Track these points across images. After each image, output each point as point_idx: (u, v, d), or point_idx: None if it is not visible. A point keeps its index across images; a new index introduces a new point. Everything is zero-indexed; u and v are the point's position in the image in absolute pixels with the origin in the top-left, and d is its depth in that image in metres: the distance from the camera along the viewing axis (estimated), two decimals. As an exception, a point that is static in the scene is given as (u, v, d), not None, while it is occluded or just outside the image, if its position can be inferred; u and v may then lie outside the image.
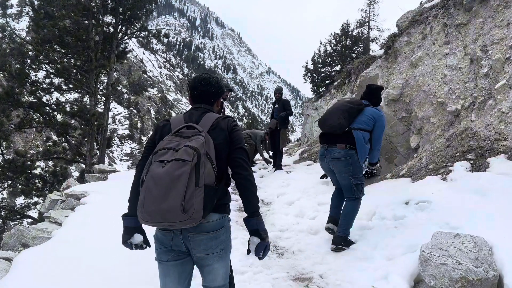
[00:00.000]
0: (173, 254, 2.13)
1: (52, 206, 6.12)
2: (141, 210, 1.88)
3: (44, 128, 15.39)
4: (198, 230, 2.05)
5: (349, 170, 4.17)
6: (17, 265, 3.47)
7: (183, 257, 2.15)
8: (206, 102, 2.33)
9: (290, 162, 10.96)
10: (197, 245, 2.08)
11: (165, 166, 1.86)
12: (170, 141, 2.00)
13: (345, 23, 21.58)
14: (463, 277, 2.65)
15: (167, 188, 1.82)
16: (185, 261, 2.17)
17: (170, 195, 1.81)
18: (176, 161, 1.86)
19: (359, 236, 4.28)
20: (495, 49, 5.37)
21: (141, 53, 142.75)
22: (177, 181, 1.82)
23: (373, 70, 9.03)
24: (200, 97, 2.31)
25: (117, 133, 73.28)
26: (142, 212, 1.88)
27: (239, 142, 2.17)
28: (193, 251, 2.10)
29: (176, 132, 2.07)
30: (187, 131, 2.06)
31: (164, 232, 2.10)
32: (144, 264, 3.60)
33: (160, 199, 1.82)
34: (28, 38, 16.22)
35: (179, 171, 1.83)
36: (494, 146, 4.73)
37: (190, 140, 1.97)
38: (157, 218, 1.85)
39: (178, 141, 1.97)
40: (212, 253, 2.11)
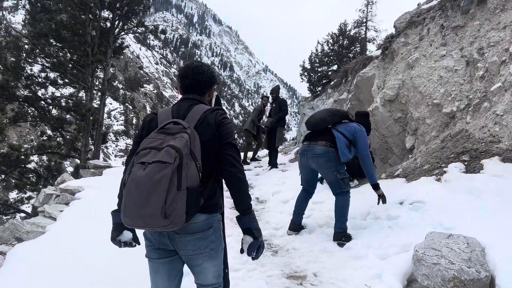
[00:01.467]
0: (162, 252, 2.09)
1: (47, 201, 6.10)
2: (123, 214, 1.80)
3: (39, 122, 15.30)
4: (184, 231, 1.98)
5: (331, 166, 4.33)
6: (11, 259, 3.45)
7: (171, 255, 2.11)
8: (197, 92, 2.21)
9: (286, 161, 10.98)
10: (184, 246, 2.03)
11: (146, 169, 1.76)
12: (153, 139, 1.89)
13: (342, 23, 21.60)
14: (455, 277, 2.68)
15: (147, 192, 1.73)
16: (174, 259, 2.13)
17: (151, 200, 1.72)
18: (157, 163, 1.76)
19: (353, 235, 4.31)
20: (491, 51, 5.41)
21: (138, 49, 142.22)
22: (157, 185, 1.73)
23: (370, 71, 9.06)
24: (191, 86, 2.20)
25: (112, 129, 72.98)
26: (124, 216, 1.80)
27: (228, 136, 2.04)
28: (180, 251, 2.05)
29: (161, 128, 1.96)
30: (173, 127, 1.95)
31: (152, 232, 2.04)
32: (138, 260, 3.60)
33: (141, 204, 1.74)
34: (24, 31, 16.11)
35: (159, 175, 1.74)
36: (489, 148, 4.77)
37: (174, 138, 1.87)
38: (138, 222, 1.78)
39: (162, 139, 1.87)
40: (201, 253, 2.04)
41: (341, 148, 4.30)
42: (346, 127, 4.50)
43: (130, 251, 3.69)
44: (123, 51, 18.58)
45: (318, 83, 19.13)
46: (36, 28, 13.61)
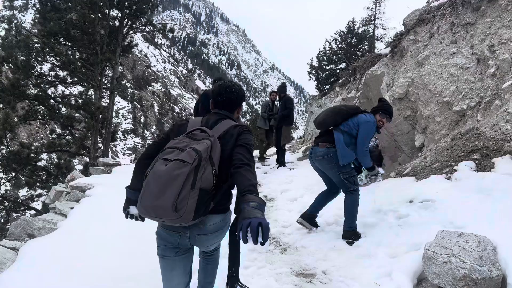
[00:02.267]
0: (179, 250, 2.25)
1: (57, 198, 6.17)
2: (139, 203, 1.98)
3: (49, 120, 15.44)
4: (204, 231, 2.18)
5: (334, 167, 4.32)
6: (24, 255, 3.50)
7: (188, 251, 2.31)
8: (227, 109, 2.39)
9: (294, 159, 10.97)
10: (204, 242, 2.25)
11: (167, 165, 1.93)
12: (180, 141, 2.09)
13: (350, 21, 21.50)
14: (466, 275, 2.66)
15: (163, 186, 1.89)
16: (189, 254, 2.33)
17: (165, 193, 1.88)
18: (177, 161, 1.93)
19: (363, 233, 4.30)
20: (502, 49, 5.35)
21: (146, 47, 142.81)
22: (174, 181, 1.89)
23: (379, 68, 9.01)
24: (222, 103, 2.38)
25: (121, 127, 73.43)
26: (139, 205, 1.99)
27: (243, 140, 2.19)
28: (199, 246, 2.29)
29: (188, 133, 2.16)
30: (199, 133, 2.14)
31: (171, 233, 2.19)
32: (147, 257, 3.63)
33: (156, 195, 1.90)
34: (34, 30, 16.25)
35: (177, 171, 1.90)
36: (500, 146, 4.72)
37: (198, 142, 2.04)
38: (150, 212, 1.95)
39: (187, 143, 2.06)
40: (214, 243, 2.34)
41: (339, 150, 4.28)
42: (351, 122, 4.41)
43: (139, 248, 3.74)
44: (132, 49, 18.64)
45: (326, 81, 19.08)
46: (46, 27, 13.72)
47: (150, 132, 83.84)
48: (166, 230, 2.20)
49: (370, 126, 4.38)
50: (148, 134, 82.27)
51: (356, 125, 4.37)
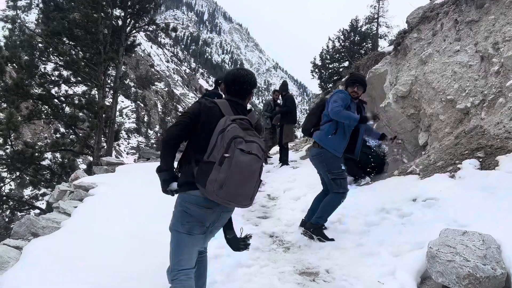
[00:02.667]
0: (204, 228, 2.42)
1: (61, 197, 6.19)
2: (218, 188, 2.15)
3: (53, 120, 15.51)
4: (229, 210, 2.48)
5: (324, 166, 4.33)
6: (27, 254, 3.52)
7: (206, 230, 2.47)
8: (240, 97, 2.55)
9: (297, 158, 10.96)
10: (223, 221, 2.53)
11: (246, 158, 2.19)
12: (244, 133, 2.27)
13: (354, 19, 21.46)
14: (470, 274, 2.65)
15: (246, 178, 2.21)
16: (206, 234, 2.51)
17: (247, 185, 2.23)
18: (255, 156, 2.22)
19: (366, 232, 4.28)
20: (506, 46, 5.31)
21: (149, 47, 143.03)
22: (253, 175, 2.25)
23: (382, 67, 8.98)
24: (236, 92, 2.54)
25: (124, 127, 73.60)
26: (219, 190, 2.15)
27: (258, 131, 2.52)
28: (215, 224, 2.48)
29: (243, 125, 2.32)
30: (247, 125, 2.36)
31: (206, 210, 2.35)
32: (151, 255, 3.64)
33: (240, 185, 2.20)
34: (37, 30, 16.32)
35: (255, 166, 2.24)
36: (504, 144, 4.69)
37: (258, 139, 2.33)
38: (229, 198, 2.20)
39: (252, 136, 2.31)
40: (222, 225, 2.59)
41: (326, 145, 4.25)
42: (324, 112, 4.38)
43: (143, 247, 3.75)
44: (135, 49, 18.71)
45: (329, 80, 19.06)
46: (49, 26, 13.79)
47: (154, 131, 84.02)
48: (201, 208, 2.33)
49: (336, 95, 4.25)
50: (151, 133, 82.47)
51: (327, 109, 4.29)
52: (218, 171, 2.15)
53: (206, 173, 2.18)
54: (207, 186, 2.16)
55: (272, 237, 4.69)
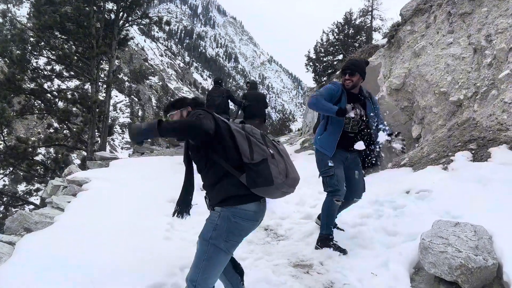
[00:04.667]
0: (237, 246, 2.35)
1: (54, 192, 6.15)
2: (285, 178, 2.20)
3: (46, 115, 15.38)
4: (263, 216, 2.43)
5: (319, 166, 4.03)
6: (20, 249, 3.49)
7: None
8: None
9: (291, 151, 10.97)
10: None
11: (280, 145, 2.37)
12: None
13: (348, 12, 21.39)
14: (462, 265, 2.67)
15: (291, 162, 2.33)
16: None
17: (293, 167, 2.33)
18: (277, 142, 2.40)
19: (360, 224, 4.30)
20: (499, 38, 5.33)
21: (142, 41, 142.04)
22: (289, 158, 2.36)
23: (376, 59, 8.98)
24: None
25: (118, 121, 73.19)
26: (286, 178, 2.20)
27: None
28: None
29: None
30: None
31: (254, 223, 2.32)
32: (144, 249, 3.64)
33: (293, 167, 2.31)
34: (29, 24, 16.12)
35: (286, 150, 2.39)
36: (496, 136, 4.72)
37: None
38: (293, 183, 2.27)
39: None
40: None
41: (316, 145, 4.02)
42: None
43: (137, 242, 3.74)
44: (128, 43, 18.53)
45: (324, 73, 19.04)
46: (40, 20, 13.60)
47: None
48: (252, 221, 2.29)
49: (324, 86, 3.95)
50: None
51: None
52: (276, 164, 2.19)
53: (265, 171, 2.15)
54: (275, 181, 2.15)
55: (266, 230, 4.71)
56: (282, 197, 2.38)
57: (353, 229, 4.24)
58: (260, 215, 2.33)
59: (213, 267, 2.23)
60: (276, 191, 2.21)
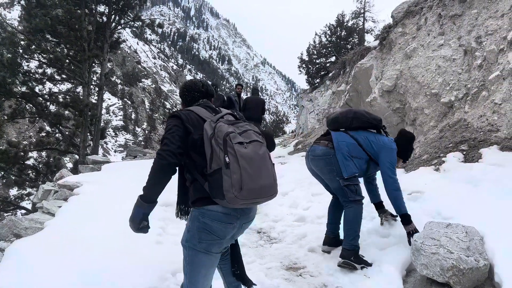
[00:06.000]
0: (222, 246, 2.23)
1: (45, 197, 6.09)
2: (239, 191, 1.94)
3: (37, 118, 15.26)
4: (250, 218, 2.26)
5: (332, 170, 3.60)
6: (10, 255, 3.44)
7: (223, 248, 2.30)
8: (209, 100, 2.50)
9: (285, 154, 10.97)
10: (242, 232, 2.31)
11: (248, 147, 2.02)
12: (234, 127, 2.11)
13: (340, 14, 21.50)
14: (454, 266, 2.68)
15: (259, 166, 2.02)
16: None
17: (262, 172, 2.02)
18: (255, 142, 2.07)
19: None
20: (489, 40, 5.37)
21: (135, 43, 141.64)
22: (264, 160, 2.06)
23: (368, 61, 9.02)
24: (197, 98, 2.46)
25: (111, 124, 72.81)
26: (240, 191, 1.95)
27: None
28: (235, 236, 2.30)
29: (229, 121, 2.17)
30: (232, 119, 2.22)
31: (226, 225, 2.14)
32: (135, 253, 3.60)
33: (257, 176, 2.00)
34: (20, 27, 16.00)
35: (262, 150, 2.08)
36: (487, 137, 4.76)
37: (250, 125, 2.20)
38: (255, 194, 2.00)
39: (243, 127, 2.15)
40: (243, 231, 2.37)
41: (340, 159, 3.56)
42: (369, 136, 3.74)
43: (128, 246, 3.70)
44: (120, 45, 18.49)
45: (316, 75, 19.10)
46: (31, 23, 13.51)
47: (141, 128, 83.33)
48: (221, 223, 2.12)
49: (393, 154, 3.72)
50: (139, 131, 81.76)
51: (377, 145, 3.68)
52: (229, 175, 1.94)
53: (218, 183, 1.98)
54: (226, 196, 1.96)
55: (259, 233, 4.70)
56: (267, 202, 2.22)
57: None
58: (234, 218, 2.14)
59: (197, 270, 2.20)
60: (236, 202, 1.99)
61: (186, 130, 2.16)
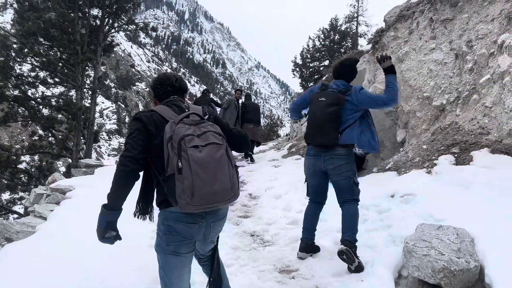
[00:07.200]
0: (191, 246, 2.20)
1: (37, 201, 6.05)
2: (190, 197, 1.91)
3: (30, 122, 15.17)
4: (218, 217, 2.23)
5: (351, 169, 3.66)
6: (0, 259, 3.42)
7: (195, 247, 2.26)
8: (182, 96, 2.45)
9: (279, 157, 10.98)
10: (215, 230, 2.27)
11: (204, 150, 1.96)
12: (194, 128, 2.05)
13: (333, 18, 21.67)
14: (445, 267, 2.70)
15: (214, 170, 1.96)
16: (194, 251, 2.28)
17: (218, 177, 1.96)
18: (212, 145, 2.01)
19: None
20: (480, 44, 5.43)
21: (129, 47, 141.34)
22: (220, 163, 1.99)
23: (361, 65, 9.07)
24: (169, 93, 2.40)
25: (105, 128, 72.48)
26: (192, 197, 1.91)
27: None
28: (208, 236, 2.24)
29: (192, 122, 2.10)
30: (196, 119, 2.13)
31: (190, 225, 2.12)
32: (127, 257, 3.59)
33: (211, 181, 1.94)
34: (12, 30, 15.92)
35: (218, 154, 2.00)
36: (478, 140, 4.80)
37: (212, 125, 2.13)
38: (208, 200, 1.95)
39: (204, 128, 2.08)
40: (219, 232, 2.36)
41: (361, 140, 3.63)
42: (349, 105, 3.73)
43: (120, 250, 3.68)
44: (114, 49, 18.47)
45: (310, 79, 19.21)
46: (24, 26, 13.46)
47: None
48: (185, 223, 2.09)
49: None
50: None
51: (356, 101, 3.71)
52: (181, 180, 1.91)
53: (172, 189, 1.95)
54: (179, 202, 1.93)
55: (253, 236, 4.69)
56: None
57: (339, 233, 4.24)
58: (198, 218, 2.12)
59: (170, 273, 2.19)
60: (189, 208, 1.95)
61: (149, 133, 2.12)
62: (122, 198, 2.09)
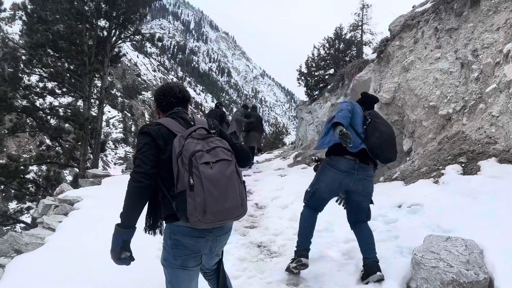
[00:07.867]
0: (198, 259, 2.21)
1: (45, 212, 6.09)
2: (202, 214, 1.91)
3: (38, 132, 15.31)
4: (224, 230, 2.26)
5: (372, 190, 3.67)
6: (10, 271, 3.44)
7: (201, 260, 2.27)
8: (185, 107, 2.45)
9: (284, 166, 10.98)
10: (220, 244, 2.30)
11: (215, 167, 1.96)
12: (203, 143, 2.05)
13: (338, 27, 21.73)
14: (454, 280, 2.69)
15: (225, 187, 1.96)
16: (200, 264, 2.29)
17: (229, 194, 1.97)
18: (223, 161, 2.01)
19: (352, 239, 4.29)
20: (485, 53, 5.44)
21: (135, 56, 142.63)
22: (230, 180, 2.00)
23: (366, 74, 9.10)
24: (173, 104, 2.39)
25: (111, 137, 72.95)
26: (204, 214, 1.91)
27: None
28: (213, 249, 2.26)
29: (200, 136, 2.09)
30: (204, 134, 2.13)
31: (197, 239, 2.12)
32: (138, 269, 3.60)
33: (222, 198, 1.95)
34: (21, 42, 16.15)
35: (229, 170, 2.01)
36: (485, 149, 4.79)
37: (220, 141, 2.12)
38: (220, 217, 1.96)
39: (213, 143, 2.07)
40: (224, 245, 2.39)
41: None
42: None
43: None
44: (120, 59, 18.63)
45: (315, 87, 19.21)
46: (33, 38, 13.63)
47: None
48: (192, 238, 2.10)
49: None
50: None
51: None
52: (193, 197, 1.90)
53: (183, 205, 1.93)
54: (190, 219, 1.92)
55: (260, 247, 4.68)
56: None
57: (346, 244, 4.24)
58: (205, 232, 2.12)
59: (178, 287, 2.20)
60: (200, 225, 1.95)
61: (158, 147, 2.11)
62: (137, 215, 2.07)
